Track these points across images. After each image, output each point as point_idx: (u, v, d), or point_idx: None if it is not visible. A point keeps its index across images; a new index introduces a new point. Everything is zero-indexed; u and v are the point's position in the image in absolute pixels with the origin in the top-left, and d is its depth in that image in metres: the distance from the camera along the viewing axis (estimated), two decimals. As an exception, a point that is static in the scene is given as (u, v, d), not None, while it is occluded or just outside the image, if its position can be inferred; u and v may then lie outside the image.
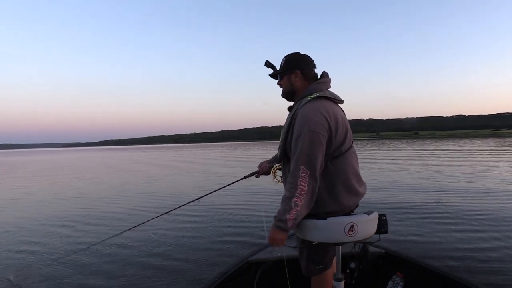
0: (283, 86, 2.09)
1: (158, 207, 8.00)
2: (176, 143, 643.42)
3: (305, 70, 2.03)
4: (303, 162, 1.78)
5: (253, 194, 8.92)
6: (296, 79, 2.03)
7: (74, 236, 5.73)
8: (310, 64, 2.06)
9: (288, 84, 2.05)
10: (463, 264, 3.87)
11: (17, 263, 4.45)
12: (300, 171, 1.77)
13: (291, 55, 2.07)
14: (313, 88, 1.97)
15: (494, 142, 53.45)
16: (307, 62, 2.05)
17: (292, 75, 2.03)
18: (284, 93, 2.10)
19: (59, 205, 8.87)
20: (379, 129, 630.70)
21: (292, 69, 2.02)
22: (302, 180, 1.76)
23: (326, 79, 2.04)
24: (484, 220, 5.67)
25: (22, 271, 4.11)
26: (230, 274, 2.59)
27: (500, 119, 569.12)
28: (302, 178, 1.76)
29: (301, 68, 2.02)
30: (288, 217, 1.76)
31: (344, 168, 1.91)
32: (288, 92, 2.07)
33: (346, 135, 1.94)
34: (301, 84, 2.03)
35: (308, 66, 2.05)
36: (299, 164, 1.78)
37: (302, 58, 2.05)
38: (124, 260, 4.44)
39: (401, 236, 4.96)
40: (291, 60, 2.04)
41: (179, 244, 5.02)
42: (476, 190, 8.71)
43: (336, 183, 1.89)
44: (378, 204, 7.28)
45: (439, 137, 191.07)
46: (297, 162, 1.80)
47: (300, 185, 1.76)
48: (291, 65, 2.03)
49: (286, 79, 2.05)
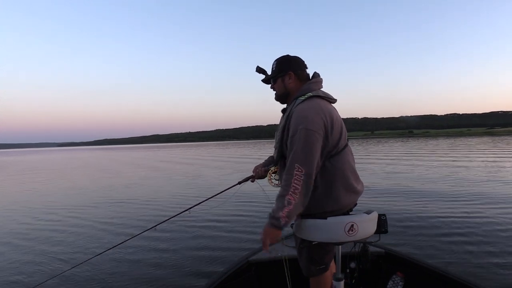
0: (277, 89, 2.08)
1: (145, 220, 6.86)
2: (170, 142, 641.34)
3: (298, 71, 2.03)
4: (298, 160, 1.77)
5: (249, 198, 8.46)
6: (290, 81, 2.02)
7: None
8: (302, 65, 2.06)
9: (282, 86, 2.04)
10: (463, 264, 3.88)
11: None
12: (294, 169, 1.76)
13: (282, 57, 2.06)
14: (306, 88, 1.97)
15: (493, 140, 53.41)
16: (299, 63, 2.05)
17: (285, 77, 2.02)
18: (278, 96, 2.09)
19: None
20: (374, 128, 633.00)
21: (285, 71, 2.02)
22: (296, 179, 1.75)
23: (318, 79, 2.04)
24: (485, 221, 5.66)
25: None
26: (230, 274, 2.59)
27: (494, 117, 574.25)
28: (297, 176, 1.75)
29: (294, 69, 2.02)
30: (281, 215, 1.75)
31: (342, 166, 1.91)
32: (282, 94, 2.07)
33: (341, 133, 1.94)
34: (294, 86, 2.02)
35: (301, 67, 2.05)
36: (294, 162, 1.77)
37: (294, 60, 2.05)
38: (118, 268, 4.40)
39: (401, 236, 4.95)
40: (283, 63, 2.04)
41: (178, 248, 4.98)
42: (477, 190, 8.71)
43: (335, 182, 1.89)
44: (378, 204, 7.28)
45: (434, 136, 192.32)
46: (292, 160, 1.79)
47: (294, 183, 1.75)
48: (284, 67, 2.02)
49: (279, 81, 2.04)
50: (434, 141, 59.65)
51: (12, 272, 4.28)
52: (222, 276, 2.54)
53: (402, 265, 2.68)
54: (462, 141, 55.66)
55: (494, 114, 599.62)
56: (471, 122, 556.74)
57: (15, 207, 9.05)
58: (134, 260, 4.49)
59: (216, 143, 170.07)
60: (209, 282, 2.50)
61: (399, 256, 2.76)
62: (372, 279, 2.77)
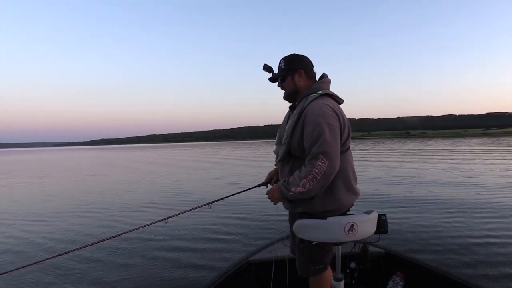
0: (286, 87, 2.08)
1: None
2: (167, 142, 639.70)
3: (307, 69, 2.05)
4: (324, 152, 1.79)
5: (251, 200, 8.27)
6: (300, 79, 2.04)
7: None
8: (310, 64, 2.08)
9: (292, 84, 2.05)
10: (463, 264, 3.88)
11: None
12: (318, 160, 1.79)
13: (291, 56, 2.07)
14: (316, 87, 1.99)
15: (493, 141, 53.38)
16: (307, 62, 2.07)
17: (295, 75, 2.04)
18: (287, 95, 2.10)
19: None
20: (371, 129, 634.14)
21: (295, 69, 2.03)
22: (318, 169, 1.78)
23: (327, 79, 2.07)
24: (486, 220, 5.69)
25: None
26: (230, 274, 2.59)
27: (490, 118, 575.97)
28: (319, 167, 1.78)
29: (304, 67, 2.04)
30: (293, 190, 1.84)
31: (345, 166, 1.94)
32: (292, 92, 2.07)
33: (348, 133, 1.99)
34: (304, 84, 2.04)
35: (309, 66, 2.07)
36: (319, 154, 1.79)
37: (303, 58, 2.07)
38: (113, 263, 4.40)
39: (401, 236, 4.96)
40: (293, 61, 2.05)
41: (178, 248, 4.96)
42: (478, 190, 8.74)
43: (337, 182, 1.91)
44: (378, 204, 7.30)
45: (431, 136, 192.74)
46: (317, 150, 1.80)
47: (314, 172, 1.78)
48: (294, 65, 2.04)
49: (289, 79, 2.05)
50: (433, 142, 59.68)
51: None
52: (222, 276, 2.54)
53: (402, 265, 2.69)
54: (461, 142, 55.68)
55: (491, 115, 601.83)
56: (468, 123, 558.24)
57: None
58: (133, 260, 4.47)
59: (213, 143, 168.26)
60: (209, 282, 2.50)
61: (399, 256, 2.77)
62: (372, 279, 2.78)
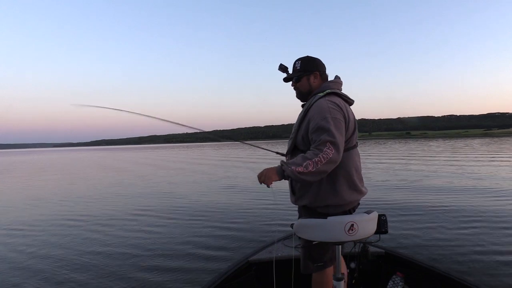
0: (301, 87, 2.19)
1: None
2: (167, 143, 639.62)
3: (321, 71, 2.17)
4: (331, 140, 1.84)
5: (253, 198, 8.48)
6: (315, 80, 2.16)
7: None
8: (324, 66, 2.21)
9: (307, 84, 2.17)
10: (463, 264, 3.89)
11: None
12: (326, 146, 1.83)
13: (307, 57, 2.20)
14: (325, 86, 2.11)
15: (495, 141, 53.33)
16: (321, 64, 2.20)
17: (311, 76, 2.16)
18: (301, 94, 2.21)
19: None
20: (371, 129, 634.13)
21: (311, 71, 2.15)
22: (324, 154, 1.82)
23: (338, 80, 2.18)
24: (486, 220, 5.69)
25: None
26: (230, 274, 2.60)
27: (491, 119, 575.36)
28: (326, 153, 1.82)
29: (319, 69, 2.17)
30: (293, 167, 1.82)
31: (348, 163, 2.00)
32: (306, 92, 2.18)
33: (354, 132, 2.06)
34: (317, 85, 2.16)
35: (323, 68, 2.20)
36: (326, 141, 1.84)
37: (318, 60, 2.20)
38: (120, 264, 4.40)
39: (401, 236, 4.96)
40: (309, 62, 2.17)
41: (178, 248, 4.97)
42: (479, 190, 8.75)
43: (339, 177, 1.97)
44: (378, 204, 7.31)
45: (432, 137, 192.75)
46: (325, 138, 1.84)
47: (320, 156, 1.82)
48: (310, 67, 2.16)
49: (305, 80, 2.17)
50: (435, 143, 59.65)
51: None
52: (222, 276, 2.55)
53: (402, 265, 2.69)
54: (463, 142, 55.66)
55: (491, 116, 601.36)
56: (468, 123, 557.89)
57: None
58: (132, 260, 4.48)
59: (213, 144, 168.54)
60: (209, 282, 2.50)
61: (399, 256, 2.77)
62: (372, 279, 2.78)
